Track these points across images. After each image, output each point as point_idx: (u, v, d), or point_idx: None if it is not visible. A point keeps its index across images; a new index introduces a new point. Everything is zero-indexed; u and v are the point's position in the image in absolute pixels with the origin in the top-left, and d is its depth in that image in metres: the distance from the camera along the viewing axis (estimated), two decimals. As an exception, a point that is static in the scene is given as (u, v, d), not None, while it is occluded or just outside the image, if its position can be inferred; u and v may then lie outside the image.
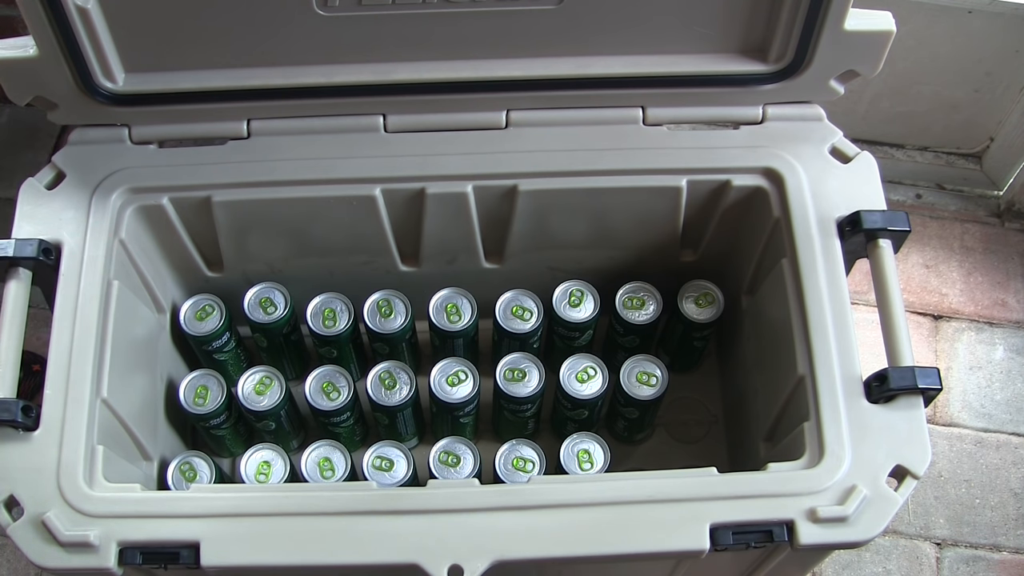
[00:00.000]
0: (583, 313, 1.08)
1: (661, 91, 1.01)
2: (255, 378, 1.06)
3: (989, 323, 1.47)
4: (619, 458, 1.05)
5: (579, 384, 1.05)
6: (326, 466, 1.02)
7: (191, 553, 0.83)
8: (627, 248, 1.12)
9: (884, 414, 0.89)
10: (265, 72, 0.98)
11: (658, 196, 1.04)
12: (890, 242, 0.96)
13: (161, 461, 1.05)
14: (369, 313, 1.09)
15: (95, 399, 0.91)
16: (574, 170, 1.02)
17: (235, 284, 1.10)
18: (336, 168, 1.01)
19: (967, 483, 1.36)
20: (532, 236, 1.08)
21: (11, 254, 0.93)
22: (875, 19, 0.94)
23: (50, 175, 1.00)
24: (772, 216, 1.00)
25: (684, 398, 1.21)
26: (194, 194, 1.01)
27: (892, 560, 1.32)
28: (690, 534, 0.83)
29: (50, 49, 0.91)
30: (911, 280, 1.50)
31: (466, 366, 1.06)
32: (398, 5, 0.92)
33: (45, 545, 0.83)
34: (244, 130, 1.02)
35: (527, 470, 1.01)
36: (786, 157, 1.01)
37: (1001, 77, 1.42)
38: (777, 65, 0.98)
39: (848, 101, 1.05)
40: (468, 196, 1.03)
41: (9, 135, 1.56)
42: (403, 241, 1.09)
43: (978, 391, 1.42)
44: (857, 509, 0.84)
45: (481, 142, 1.02)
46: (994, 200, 1.56)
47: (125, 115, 1.00)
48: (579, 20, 0.94)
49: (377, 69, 0.98)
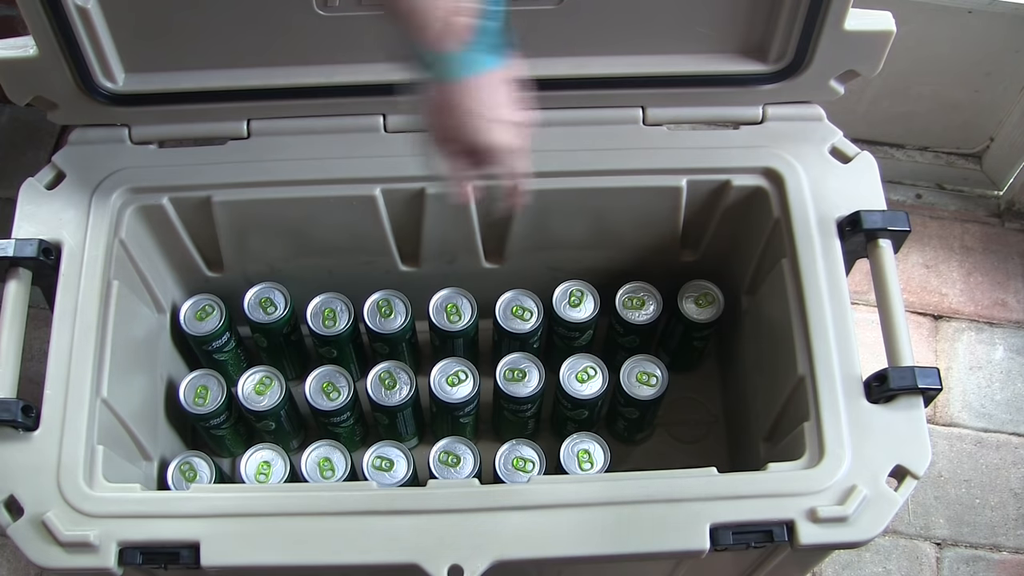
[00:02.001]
0: (583, 313, 1.08)
1: (661, 91, 1.01)
2: (255, 378, 1.06)
3: (989, 323, 1.47)
4: (619, 458, 1.05)
5: (579, 384, 1.05)
6: (326, 466, 1.02)
7: (191, 553, 0.83)
8: (627, 248, 1.12)
9: (884, 414, 0.88)
10: (265, 72, 0.98)
11: (658, 196, 1.04)
12: (890, 242, 0.96)
13: (161, 461, 1.05)
14: (369, 313, 1.09)
15: (95, 399, 0.90)
16: (574, 170, 1.02)
17: (235, 284, 1.10)
18: (336, 168, 1.01)
19: (967, 483, 1.36)
20: (532, 236, 1.08)
21: (11, 254, 0.93)
22: (875, 19, 0.94)
23: (50, 175, 1.00)
24: (772, 216, 1.00)
25: (684, 398, 1.21)
26: (194, 194, 1.01)
27: (892, 560, 1.32)
28: (690, 534, 0.83)
29: (50, 49, 0.91)
30: (911, 280, 1.50)
31: (466, 366, 1.06)
32: (398, 5, 0.92)
33: (45, 545, 0.83)
34: (244, 130, 1.02)
35: (527, 470, 1.01)
36: (786, 157, 1.01)
37: (1001, 77, 1.42)
38: (777, 65, 0.98)
39: (848, 101, 1.05)
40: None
41: (9, 135, 1.55)
42: (403, 241, 1.09)
43: (978, 391, 1.42)
44: (857, 509, 0.84)
45: (481, 142, 1.02)
46: (994, 200, 1.56)
47: (125, 115, 1.00)
48: (579, 20, 0.94)
49: (377, 69, 0.98)
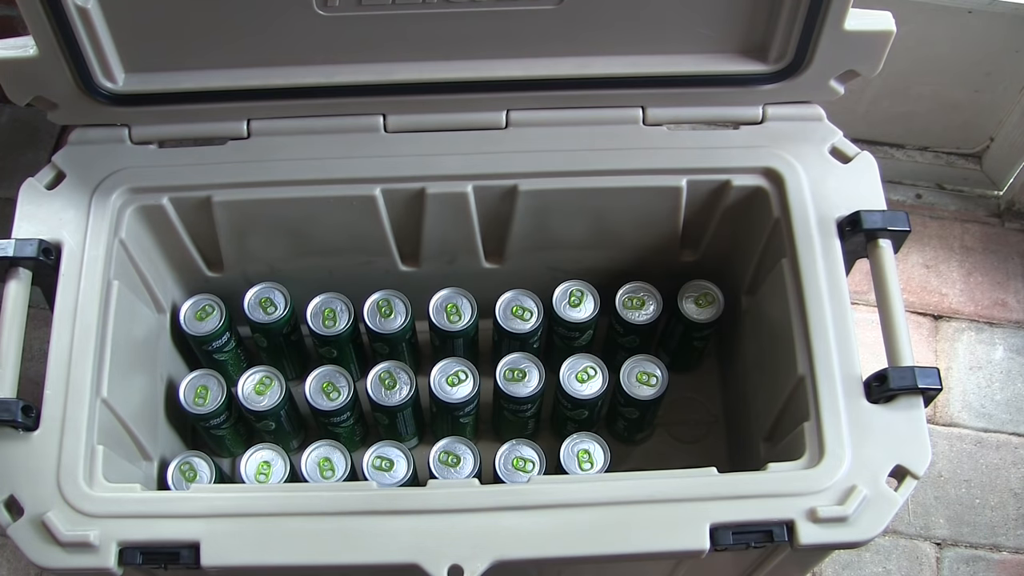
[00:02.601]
0: (583, 313, 1.08)
1: (661, 91, 1.01)
2: (255, 378, 1.06)
3: (989, 323, 1.47)
4: (619, 458, 1.05)
5: (579, 384, 1.05)
6: (326, 466, 1.02)
7: (191, 553, 0.83)
8: (627, 248, 1.12)
9: (884, 414, 0.88)
10: (265, 72, 0.98)
11: (658, 196, 1.04)
12: (890, 242, 0.96)
13: (161, 461, 1.05)
14: (369, 313, 1.09)
15: (95, 399, 0.90)
16: (574, 170, 1.02)
17: (235, 284, 1.10)
18: (336, 168, 1.01)
19: (967, 483, 1.36)
20: (532, 236, 1.08)
21: (11, 254, 0.93)
22: (875, 19, 0.94)
23: (50, 175, 1.00)
24: (772, 216, 1.00)
25: (684, 398, 1.21)
26: (194, 194, 1.01)
27: (892, 560, 1.32)
28: (690, 534, 0.83)
29: (50, 49, 0.91)
30: (911, 280, 1.50)
31: (466, 366, 1.06)
32: (398, 5, 0.92)
33: (45, 545, 0.83)
34: (244, 130, 1.02)
35: (527, 470, 1.01)
36: (786, 157, 1.01)
37: (1001, 77, 1.42)
38: (777, 65, 0.98)
39: (848, 101, 1.05)
40: (468, 196, 1.03)
41: (9, 135, 1.56)
42: (403, 241, 1.09)
43: (978, 391, 1.42)
44: (857, 509, 0.84)
45: (481, 142, 1.02)
46: (994, 200, 1.56)
47: (125, 115, 1.00)
48: (579, 20, 0.94)
49: (377, 69, 0.98)
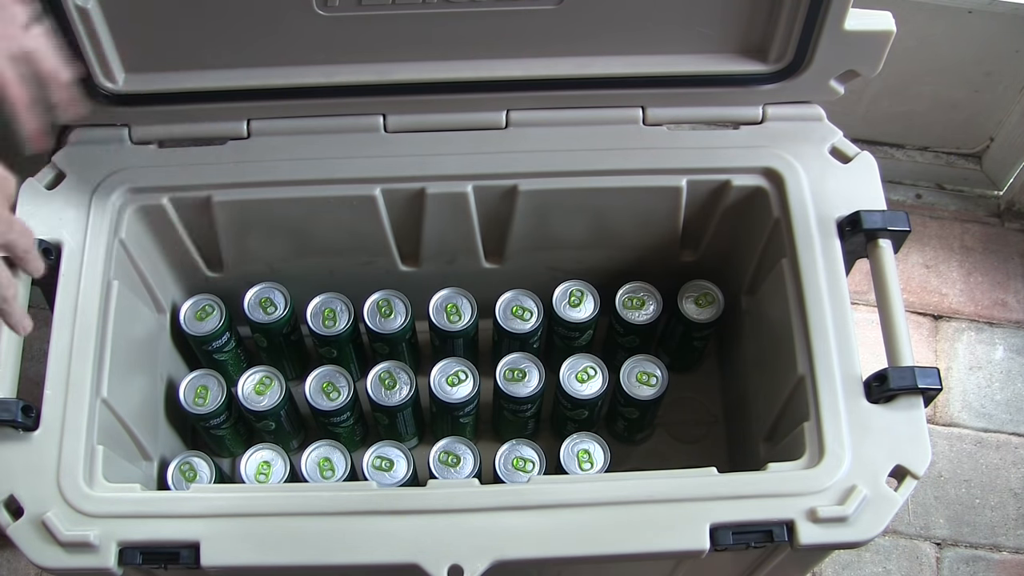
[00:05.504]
0: (583, 313, 1.08)
1: (661, 91, 1.01)
2: (255, 378, 1.06)
3: (989, 323, 1.47)
4: (619, 458, 1.05)
5: (579, 384, 1.05)
6: (326, 466, 1.02)
7: (191, 553, 0.83)
8: (627, 248, 1.12)
9: (884, 414, 0.88)
10: (265, 72, 0.98)
11: (658, 196, 1.04)
12: (890, 242, 0.96)
13: (161, 461, 1.05)
14: (369, 313, 1.09)
15: (95, 399, 0.90)
16: (574, 170, 1.02)
17: (235, 284, 1.10)
18: (336, 168, 1.01)
19: (967, 483, 1.36)
20: (532, 236, 1.08)
21: (11, 254, 0.93)
22: (875, 19, 0.94)
23: (50, 175, 1.00)
24: (772, 216, 1.00)
25: (684, 398, 1.21)
26: (194, 194, 1.01)
27: (892, 560, 1.32)
28: (690, 534, 0.83)
29: (50, 49, 0.91)
30: (911, 280, 1.50)
31: (466, 366, 1.06)
32: (398, 5, 0.92)
33: (45, 545, 0.83)
34: (244, 130, 1.02)
35: (527, 470, 1.01)
36: (786, 157, 1.01)
37: (1001, 77, 1.42)
38: (777, 65, 0.98)
39: (848, 101, 1.05)
40: (468, 196, 1.03)
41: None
42: (403, 241, 1.09)
43: (978, 391, 1.42)
44: (857, 509, 0.84)
45: (481, 142, 1.02)
46: (994, 200, 1.56)
47: (125, 115, 1.00)
48: (579, 20, 0.94)
49: (377, 69, 0.98)
